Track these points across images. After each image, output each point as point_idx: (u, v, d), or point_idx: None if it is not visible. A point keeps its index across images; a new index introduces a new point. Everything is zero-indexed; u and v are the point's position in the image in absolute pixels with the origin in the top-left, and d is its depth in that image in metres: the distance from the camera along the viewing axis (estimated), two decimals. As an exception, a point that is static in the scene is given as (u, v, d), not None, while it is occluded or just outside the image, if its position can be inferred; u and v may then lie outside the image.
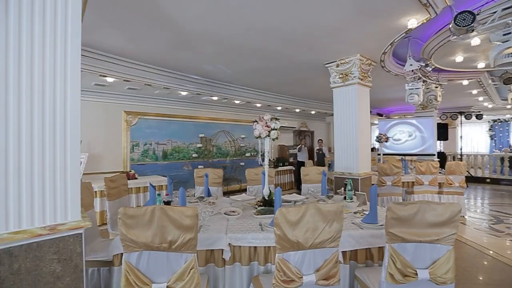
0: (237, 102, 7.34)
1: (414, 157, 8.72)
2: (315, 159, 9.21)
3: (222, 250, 2.09)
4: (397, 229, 1.64)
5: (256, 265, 2.14)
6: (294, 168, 8.96)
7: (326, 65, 4.84)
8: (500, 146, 11.86)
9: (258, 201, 2.91)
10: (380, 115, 11.15)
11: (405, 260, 1.68)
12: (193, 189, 3.81)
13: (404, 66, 4.48)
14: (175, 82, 5.48)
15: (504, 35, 2.65)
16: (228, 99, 6.88)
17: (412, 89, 4.47)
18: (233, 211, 2.58)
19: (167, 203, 2.72)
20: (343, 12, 3.12)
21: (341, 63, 4.62)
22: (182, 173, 7.46)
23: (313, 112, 9.80)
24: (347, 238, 2.11)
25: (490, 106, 9.65)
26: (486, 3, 3.25)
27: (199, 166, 6.81)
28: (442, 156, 9.95)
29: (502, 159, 10.01)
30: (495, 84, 5.79)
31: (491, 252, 3.89)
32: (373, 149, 10.62)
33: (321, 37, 3.79)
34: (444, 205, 1.59)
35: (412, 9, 3.07)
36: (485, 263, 3.62)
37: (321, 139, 9.61)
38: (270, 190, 2.79)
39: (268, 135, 2.59)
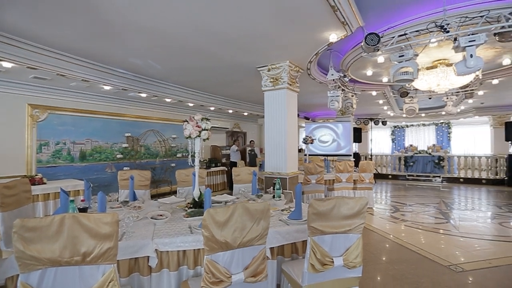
0: (168, 100, 7.00)
1: (335, 157, 9.75)
2: (247, 160, 9.44)
3: (148, 257, 1.96)
4: (317, 223, 1.81)
5: (185, 269, 2.07)
6: (227, 169, 9.00)
7: (259, 69, 5.02)
8: (399, 148, 14.23)
9: (188, 203, 2.84)
10: (307, 118, 12.12)
11: (324, 251, 1.86)
12: (117, 193, 3.47)
13: (327, 75, 4.97)
14: (96, 75, 4.90)
15: (399, 56, 3.21)
16: (159, 97, 6.50)
17: (333, 96, 5.00)
18: (161, 215, 2.45)
19: (83, 210, 2.41)
20: (275, 20, 3.28)
21: (272, 68, 4.85)
22: (104, 175, 6.73)
23: (245, 114, 10.03)
24: (274, 234, 2.22)
25: (391, 114, 11.50)
26: (387, 29, 3.86)
27: (125, 168, 6.24)
28: (357, 156, 11.39)
29: (399, 158, 12.06)
30: (395, 96, 6.93)
31: (391, 236, 4.63)
32: (300, 150, 11.44)
33: (255, 41, 3.91)
34: (355, 199, 1.83)
35: (333, 25, 3.43)
36: (387, 245, 4.28)
37: (252, 140, 9.92)
38: (200, 192, 2.75)
39: (199, 136, 2.55)
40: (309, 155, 8.63)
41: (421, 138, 14.30)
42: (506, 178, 9.83)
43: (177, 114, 8.52)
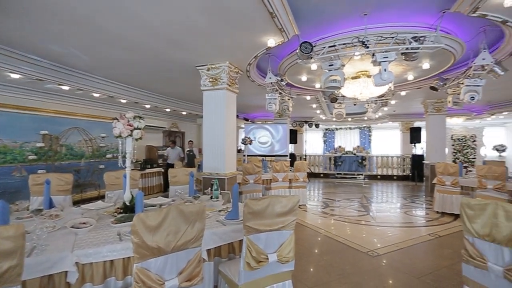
0: (96, 95, 6.31)
1: (273, 158, 10.16)
2: (186, 160, 9.15)
3: (66, 272, 1.73)
4: (253, 222, 1.86)
5: (113, 281, 1.90)
6: (163, 170, 8.56)
7: (198, 68, 4.91)
8: (329, 149, 15.60)
9: (118, 208, 2.61)
10: (246, 119, 12.35)
11: (259, 248, 1.92)
12: (27, 201, 2.97)
13: (265, 78, 5.15)
14: (-1, 60, 4.12)
15: (329, 65, 3.54)
16: (85, 91, 5.81)
17: (271, 98, 5.20)
18: (84, 223, 2.19)
19: (-22, 223, 2.00)
20: (214, 20, 3.26)
21: (212, 68, 4.80)
22: (10, 180, 5.70)
23: (184, 113, 9.71)
24: (211, 236, 2.20)
25: (323, 118, 12.55)
26: (320, 39, 4.21)
27: (39, 171, 5.39)
28: (292, 157, 12.06)
29: (330, 158, 13.24)
30: (326, 102, 7.60)
31: (322, 230, 5.04)
32: (239, 151, 11.58)
33: (193, 39, 3.82)
34: (287, 197, 1.94)
35: (271, 31, 3.57)
36: (319, 239, 4.64)
37: (191, 140, 9.65)
38: (132, 195, 2.55)
39: (131, 135, 2.36)
40: (248, 155, 8.80)
41: (348, 140, 15.93)
42: (410, 174, 11.66)
43: (108, 111, 7.75)
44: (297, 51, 3.64)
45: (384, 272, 3.38)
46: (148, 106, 7.99)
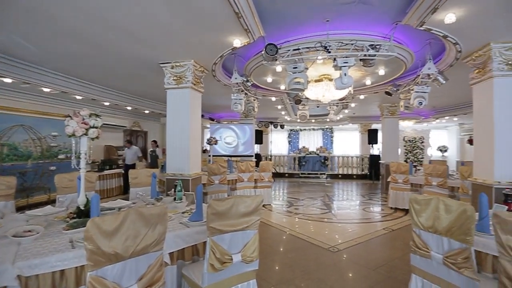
0: (46, 90, 5.76)
1: (238, 158, 10.16)
2: (149, 161, 8.77)
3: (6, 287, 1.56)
4: (217, 223, 1.84)
5: (63, 292, 1.75)
6: (123, 171, 8.11)
7: (161, 65, 4.73)
8: (294, 149, 16.03)
9: (71, 212, 2.41)
10: (212, 119, 12.20)
11: (223, 249, 1.91)
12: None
13: (231, 78, 5.13)
14: None
15: (293, 68, 3.65)
16: (32, 84, 5.27)
17: (236, 99, 5.20)
18: (30, 231, 1.99)
19: None
20: (179, 17, 3.16)
21: (176, 66, 4.67)
22: None
23: (147, 112, 9.30)
24: (174, 238, 2.14)
25: (288, 119, 12.86)
26: (285, 42, 4.31)
27: (-26, 174, 4.79)
28: (258, 157, 12.18)
29: (294, 158, 13.61)
30: (290, 103, 7.80)
31: (287, 228, 5.15)
32: (204, 151, 11.42)
33: (156, 35, 3.67)
34: (251, 197, 1.95)
35: (237, 31, 3.57)
36: (284, 237, 4.74)
37: (155, 140, 9.28)
38: (87, 198, 2.38)
39: (86, 134, 2.20)
40: (213, 155, 8.72)
41: (312, 141, 16.52)
42: (368, 173, 12.43)
43: (60, 107, 7.13)
44: (263, 52, 3.69)
45: (344, 266, 3.57)
46: (107, 104, 7.51)
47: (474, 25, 3.29)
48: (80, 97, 6.53)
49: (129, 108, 8.42)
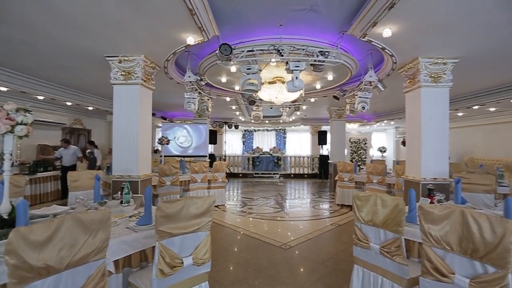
0: (-41, 79, 4.91)
1: (192, 158, 9.90)
2: (87, 163, 7.95)
3: None
4: (166, 226, 1.77)
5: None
6: (61, 174, 7.28)
7: (108, 58, 4.38)
8: (248, 149, 16.21)
9: (-9, 222, 2.08)
10: (164, 118, 11.69)
11: (173, 253, 1.84)
12: None
13: (184, 76, 4.98)
14: None
15: (247, 69, 3.69)
16: None
17: (190, 98, 5.06)
18: None
19: None
20: (127, 7, 2.96)
21: (124, 60, 4.37)
22: None
23: (90, 108, 8.53)
24: (119, 245, 1.99)
25: (243, 119, 12.96)
26: (239, 43, 4.33)
27: None
28: (212, 157, 12.03)
29: (248, 159, 13.76)
30: (245, 104, 7.87)
31: (240, 228, 5.18)
32: (156, 151, 10.89)
33: (102, 26, 3.38)
34: (203, 198, 1.92)
35: (190, 28, 3.48)
36: (238, 237, 4.75)
37: (91, 141, 8.40)
38: (12, 205, 2.09)
39: (11, 131, 1.93)
40: (165, 156, 8.36)
41: (266, 141, 16.89)
42: (318, 172, 13.15)
43: (-22, 100, 6.13)
44: (217, 52, 3.66)
45: (295, 262, 3.71)
46: (41, 98, 6.68)
47: (405, 40, 3.71)
48: (5, 89, 5.70)
49: (69, 103, 7.61)
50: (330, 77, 5.79)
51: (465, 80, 5.49)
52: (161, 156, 7.42)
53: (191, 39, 3.77)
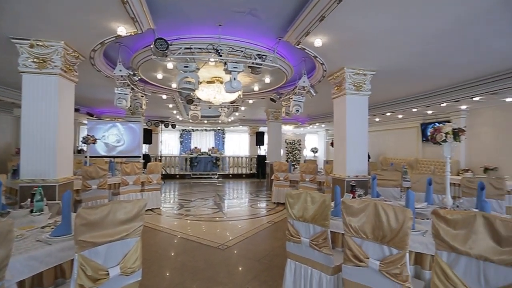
0: None
1: (123, 159, 9.11)
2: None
3: None
4: (88, 235, 1.59)
5: None
6: None
7: (14, 41, 3.72)
8: (186, 149, 15.69)
9: None
10: (91, 115, 10.47)
11: (96, 264, 1.66)
12: None
13: (114, 69, 4.55)
14: None
15: (185, 67, 3.57)
16: None
17: (121, 93, 4.64)
18: None
19: None
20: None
21: (38, 45, 3.76)
22: None
23: (-10, 100, 7.10)
24: (27, 261, 1.70)
25: (180, 118, 12.48)
26: (177, 39, 4.16)
27: None
28: (147, 158, 11.28)
29: (186, 159, 13.32)
30: (182, 102, 7.59)
31: (177, 232, 4.97)
32: (80, 151, 9.72)
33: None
34: (133, 202, 1.78)
35: (122, 18, 3.20)
36: (175, 241, 4.55)
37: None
38: None
39: None
40: (92, 157, 7.52)
41: (204, 141, 16.58)
42: (256, 172, 13.52)
43: None
44: (152, 46, 3.45)
45: (232, 262, 3.74)
46: None
47: (334, 51, 4.10)
48: None
49: (-43, 92, 6.19)
50: (267, 80, 6.02)
51: (380, 90, 6.35)
52: (86, 157, 6.62)
53: (122, 30, 3.46)
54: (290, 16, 3.53)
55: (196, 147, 14.83)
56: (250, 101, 8.29)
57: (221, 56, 3.71)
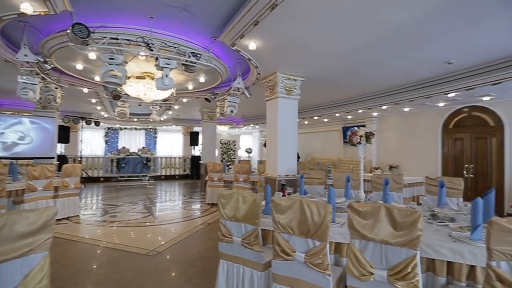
0: None
1: (31, 161, 7.76)
2: None
3: None
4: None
5: None
6: None
7: None
8: (112, 150, 14.26)
9: None
10: (-16, 107, 8.60)
11: (-14, 289, 1.37)
12: None
13: (18, 53, 3.83)
14: None
15: (110, 58, 3.23)
16: None
17: (27, 83, 3.93)
18: None
19: None
20: None
21: None
22: None
23: None
24: None
25: (106, 115, 11.25)
26: (101, 26, 3.75)
27: None
28: (63, 159, 9.86)
29: (112, 160, 12.10)
30: (108, 98, 6.87)
31: (101, 241, 4.46)
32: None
33: None
34: (38, 211, 1.52)
35: (27, -7, 2.73)
36: (98, 252, 4.08)
37: None
38: None
39: None
40: (-16, 158, 6.22)
41: (133, 141, 15.33)
42: (190, 173, 13.14)
43: None
44: (68, 32, 3.03)
45: (163, 268, 3.54)
46: None
47: (267, 55, 4.28)
48: None
49: None
50: (202, 79, 5.91)
51: (309, 96, 6.88)
52: (-26, 158, 5.41)
53: (28, 7, 2.95)
54: (226, 17, 3.54)
55: (124, 147, 13.62)
56: (184, 100, 8.02)
57: (152, 50, 3.49)
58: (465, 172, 6.84)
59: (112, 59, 3.23)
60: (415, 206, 3.06)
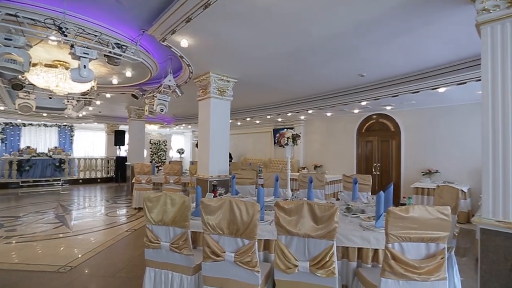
0: None
1: None
2: None
3: None
4: None
5: None
6: None
7: None
8: (11, 150, 11.92)
9: None
10: None
11: None
12: None
13: None
14: None
15: (6, 39, 2.67)
16: None
17: None
18: None
19: None
20: None
21: None
22: None
23: None
24: None
25: (2, 108, 9.33)
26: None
27: None
28: None
29: (11, 163, 10.08)
30: (6, 87, 5.70)
31: (-13, 262, 3.67)
32: None
33: None
34: None
35: None
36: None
37: None
38: None
39: None
40: None
41: (42, 140, 13.12)
42: (114, 175, 11.95)
43: None
44: None
45: (78, 285, 3.13)
46: None
47: (200, 54, 4.20)
48: None
49: None
50: (129, 73, 5.44)
51: (241, 97, 7.02)
52: None
53: None
54: (157, 10, 3.34)
55: (29, 147, 11.55)
56: (108, 95, 7.25)
57: (66, 36, 3.05)
58: (373, 170, 7.97)
59: (10, 39, 2.68)
60: (334, 201, 3.42)
